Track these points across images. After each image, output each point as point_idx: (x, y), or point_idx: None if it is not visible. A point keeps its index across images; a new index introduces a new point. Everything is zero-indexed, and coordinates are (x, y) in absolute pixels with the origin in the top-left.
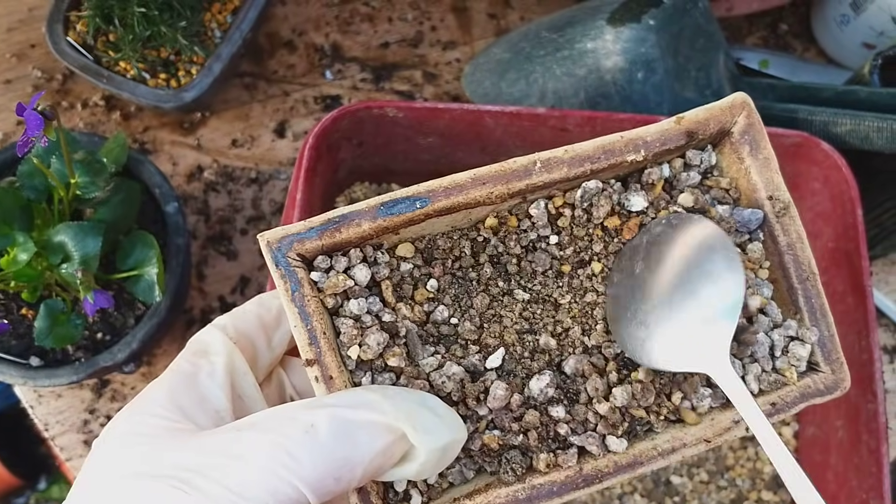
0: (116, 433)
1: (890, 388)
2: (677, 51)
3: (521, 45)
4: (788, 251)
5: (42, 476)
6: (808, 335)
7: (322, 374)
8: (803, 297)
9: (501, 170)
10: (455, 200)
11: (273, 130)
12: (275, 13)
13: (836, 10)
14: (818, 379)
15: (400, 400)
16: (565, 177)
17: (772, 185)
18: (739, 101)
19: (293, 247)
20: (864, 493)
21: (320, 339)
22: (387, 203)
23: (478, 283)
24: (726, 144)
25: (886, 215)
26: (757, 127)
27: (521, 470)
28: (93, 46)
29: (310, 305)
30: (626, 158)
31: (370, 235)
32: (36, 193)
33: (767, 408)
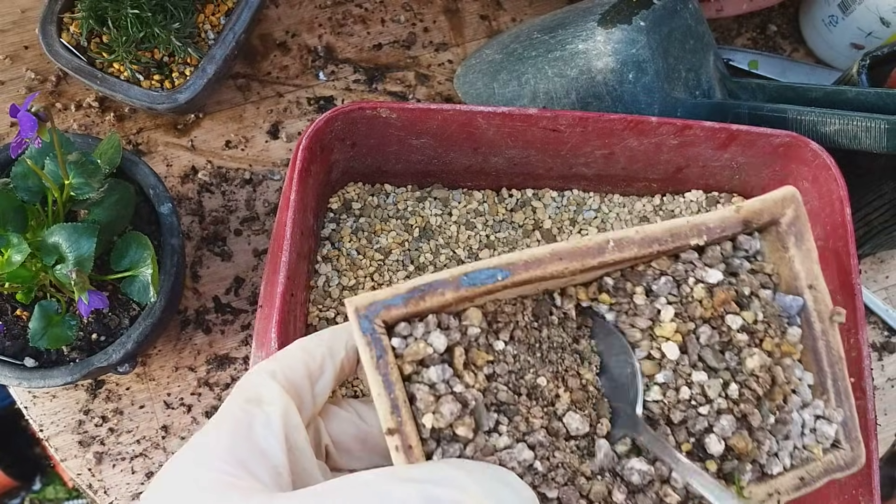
0: (175, 484)
1: (878, 384)
2: (668, 52)
3: (512, 46)
4: (822, 337)
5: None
6: (835, 416)
7: (402, 444)
8: (832, 380)
9: (578, 247)
10: (533, 274)
11: (267, 131)
12: (268, 15)
13: (824, 11)
14: (839, 455)
15: (480, 474)
16: (635, 255)
17: (812, 275)
18: (790, 195)
19: (379, 314)
20: (853, 488)
21: (402, 408)
22: (470, 274)
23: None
24: (772, 233)
25: (875, 214)
26: (803, 220)
27: None
28: (86, 48)
29: (393, 374)
30: (689, 242)
31: (451, 304)
32: (30, 195)
33: (796, 482)
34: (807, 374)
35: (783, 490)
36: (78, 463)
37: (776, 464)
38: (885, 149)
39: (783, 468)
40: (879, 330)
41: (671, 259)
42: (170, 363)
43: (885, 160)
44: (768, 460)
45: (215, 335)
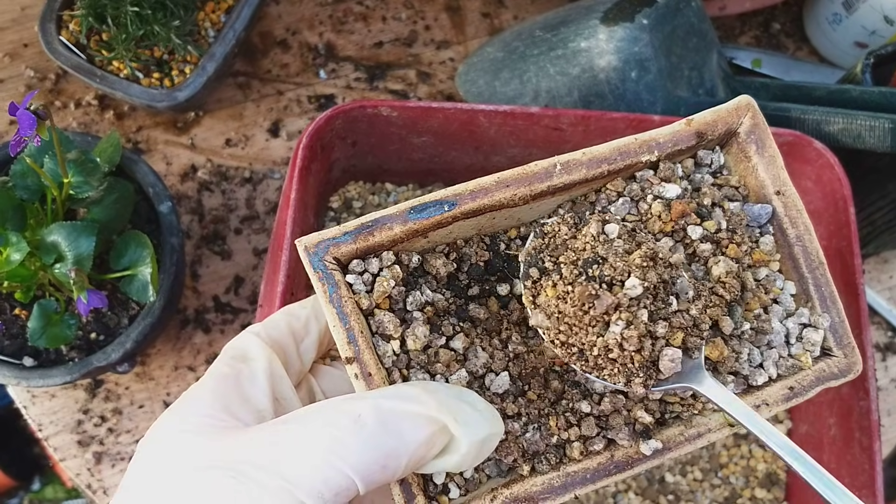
0: (164, 432)
1: (882, 385)
2: (670, 50)
3: (514, 44)
4: (797, 243)
5: (36, 477)
6: (821, 321)
7: (361, 371)
8: (814, 285)
9: (524, 172)
10: (481, 203)
11: (267, 130)
12: (268, 12)
13: (828, 10)
14: (832, 363)
15: (441, 394)
16: (584, 177)
17: (779, 181)
18: (745, 103)
19: (329, 251)
20: (856, 490)
21: (358, 337)
22: (416, 207)
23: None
24: (733, 145)
25: (878, 213)
26: (762, 127)
27: (556, 459)
28: (86, 46)
29: (347, 306)
30: (640, 159)
31: (401, 238)
32: (29, 193)
33: (786, 392)
34: (788, 284)
35: (771, 400)
36: (77, 463)
37: (761, 374)
38: (889, 148)
39: (769, 378)
40: (883, 330)
41: (626, 180)
42: (169, 362)
43: (889, 159)
44: (751, 371)
45: (215, 334)
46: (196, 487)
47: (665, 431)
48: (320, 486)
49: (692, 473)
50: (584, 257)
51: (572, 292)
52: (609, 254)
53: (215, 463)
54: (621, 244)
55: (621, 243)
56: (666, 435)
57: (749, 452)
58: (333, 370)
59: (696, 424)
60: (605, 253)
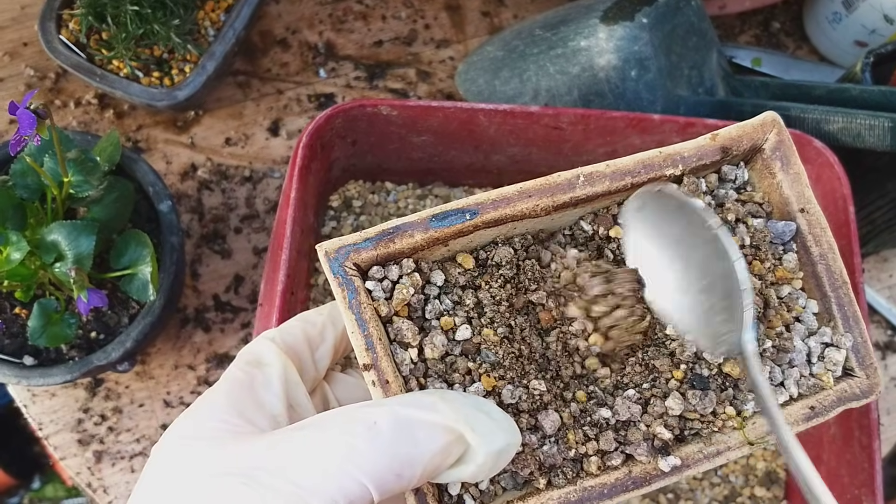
0: (178, 438)
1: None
2: (670, 49)
3: (514, 43)
4: (821, 261)
5: (36, 475)
6: (843, 341)
7: (379, 378)
8: (836, 304)
9: (546, 183)
10: (502, 212)
11: (267, 129)
12: (268, 11)
13: (828, 9)
14: (854, 384)
15: (457, 403)
16: (607, 189)
17: (803, 199)
18: (770, 119)
19: (349, 256)
20: (856, 488)
21: (376, 344)
22: (438, 215)
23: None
24: (758, 161)
25: (878, 213)
26: (787, 143)
27: (573, 473)
28: (86, 45)
29: (366, 312)
30: (664, 172)
31: (421, 246)
32: (29, 192)
33: (806, 411)
34: (811, 303)
35: (792, 419)
36: (77, 461)
37: (782, 393)
38: (889, 147)
39: (790, 397)
40: (883, 329)
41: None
42: (169, 361)
43: (889, 158)
44: (773, 390)
45: (215, 333)
46: (210, 494)
47: (684, 448)
48: (334, 493)
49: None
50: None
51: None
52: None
53: (229, 469)
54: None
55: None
56: (685, 452)
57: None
58: (348, 377)
59: (716, 442)
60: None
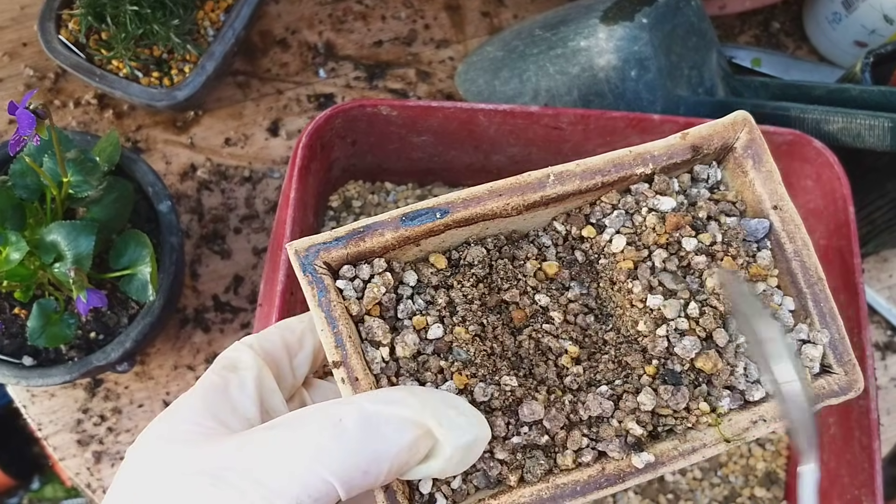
0: (151, 439)
1: (881, 384)
2: (670, 49)
3: (514, 43)
4: (795, 258)
5: (35, 476)
6: (819, 337)
7: (348, 376)
8: (812, 301)
9: (517, 182)
10: (473, 211)
11: (266, 129)
12: (268, 11)
13: (827, 9)
14: (832, 380)
15: (426, 397)
16: (577, 189)
17: (776, 196)
18: (741, 118)
19: (319, 255)
20: (856, 489)
21: (346, 341)
22: (408, 214)
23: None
24: (730, 160)
25: (878, 213)
26: (758, 142)
27: (543, 470)
28: (85, 45)
29: (336, 310)
30: (635, 171)
31: (392, 245)
32: (28, 192)
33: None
34: (787, 300)
35: (769, 416)
36: (76, 462)
37: (757, 390)
38: (889, 147)
39: (766, 394)
40: (883, 329)
41: (622, 193)
42: (169, 362)
43: (889, 158)
44: (748, 386)
45: (214, 334)
46: (178, 493)
47: (658, 445)
48: (299, 492)
49: (691, 472)
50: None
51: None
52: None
53: (198, 469)
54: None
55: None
56: (659, 449)
57: (748, 451)
58: (327, 384)
59: (691, 439)
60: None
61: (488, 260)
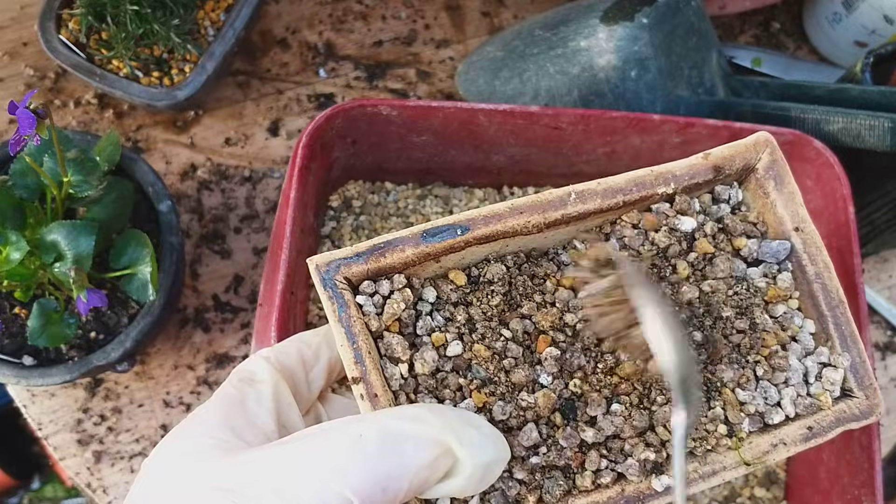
0: (168, 452)
1: (882, 384)
2: (670, 49)
3: (514, 43)
4: (817, 280)
5: (35, 476)
6: (841, 360)
7: (367, 392)
8: (833, 324)
9: (538, 200)
10: (494, 229)
11: (266, 129)
12: (268, 11)
13: (828, 9)
14: (853, 404)
15: (446, 415)
16: (599, 207)
17: (798, 218)
18: (763, 139)
19: (340, 270)
20: (856, 489)
21: (365, 357)
22: (429, 230)
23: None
24: (751, 181)
25: (878, 213)
26: (780, 163)
27: (562, 491)
28: (85, 44)
29: (355, 326)
30: (656, 191)
31: (413, 262)
32: (28, 192)
33: (804, 432)
34: (808, 322)
35: (789, 440)
36: (76, 462)
37: (777, 413)
38: (889, 147)
39: (786, 417)
40: (883, 329)
41: (642, 212)
42: (169, 361)
43: (889, 159)
44: (767, 409)
45: (215, 333)
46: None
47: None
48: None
49: None
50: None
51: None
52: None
53: (216, 485)
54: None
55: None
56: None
57: None
58: (341, 398)
59: (711, 462)
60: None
61: (508, 277)
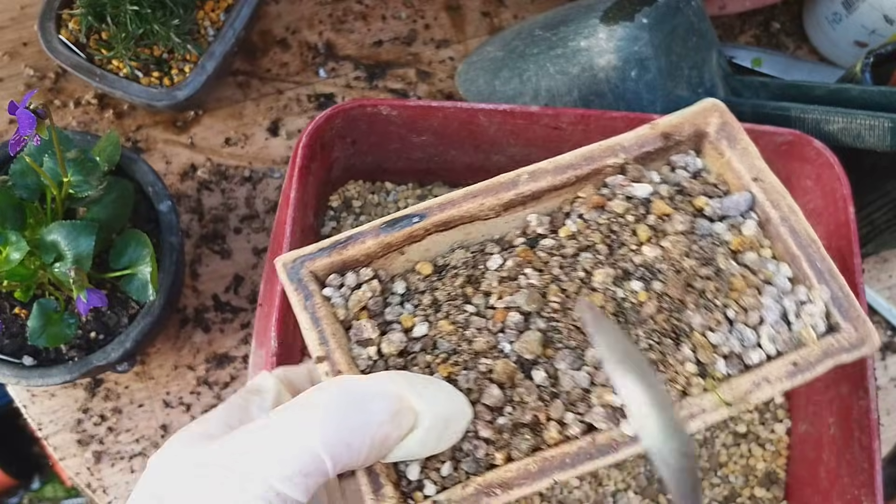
0: (169, 446)
1: (881, 384)
2: (670, 49)
3: (514, 43)
4: (783, 224)
5: (35, 476)
6: (818, 293)
7: (332, 370)
8: (807, 261)
9: (491, 183)
10: (450, 213)
11: (266, 129)
12: (268, 11)
13: (828, 9)
14: (841, 337)
15: (413, 379)
16: (551, 185)
17: (755, 169)
18: (710, 104)
19: (305, 265)
20: (856, 489)
21: (329, 338)
22: (388, 221)
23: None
24: (707, 146)
25: (878, 213)
26: (731, 123)
27: (529, 446)
28: (85, 45)
29: (320, 311)
30: (606, 163)
31: (376, 253)
32: (28, 192)
33: (789, 367)
34: (783, 266)
35: (773, 377)
36: (76, 462)
37: (757, 352)
38: (889, 147)
39: (767, 356)
40: (883, 329)
41: (598, 188)
42: (169, 362)
43: (889, 159)
44: (745, 350)
45: (215, 334)
46: (188, 485)
47: None
48: (290, 467)
49: None
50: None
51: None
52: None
53: (200, 462)
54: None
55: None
56: None
57: (748, 451)
58: None
59: (687, 406)
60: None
61: (472, 261)
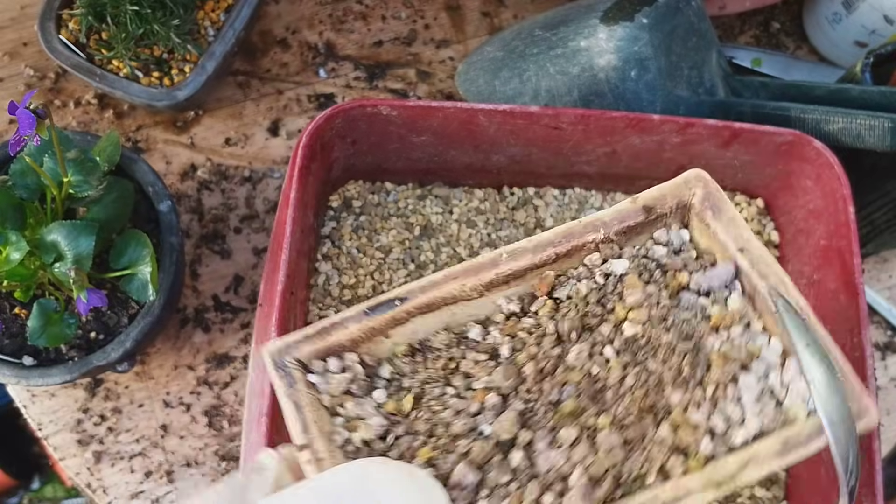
0: None
1: (881, 384)
2: (670, 49)
3: (514, 43)
4: (771, 297)
5: (35, 476)
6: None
7: (313, 458)
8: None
9: (471, 264)
10: (432, 296)
11: (267, 129)
12: (268, 11)
13: (828, 9)
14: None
15: (385, 467)
16: (532, 263)
17: (741, 240)
18: (693, 175)
19: (290, 353)
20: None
21: (311, 426)
22: (371, 306)
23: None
24: (692, 217)
25: (878, 213)
26: (716, 194)
27: None
28: (85, 45)
29: (303, 399)
30: (586, 239)
31: (360, 338)
32: (28, 192)
33: (778, 447)
34: (774, 341)
35: (763, 456)
36: (76, 462)
37: (742, 429)
38: (889, 147)
39: (753, 434)
40: (883, 329)
41: (578, 266)
42: (169, 362)
43: (889, 159)
44: (730, 429)
45: (215, 334)
46: None
47: (636, 498)
48: None
49: None
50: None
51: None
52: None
53: None
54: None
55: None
56: (637, 501)
57: None
58: None
59: (673, 488)
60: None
61: (455, 343)
